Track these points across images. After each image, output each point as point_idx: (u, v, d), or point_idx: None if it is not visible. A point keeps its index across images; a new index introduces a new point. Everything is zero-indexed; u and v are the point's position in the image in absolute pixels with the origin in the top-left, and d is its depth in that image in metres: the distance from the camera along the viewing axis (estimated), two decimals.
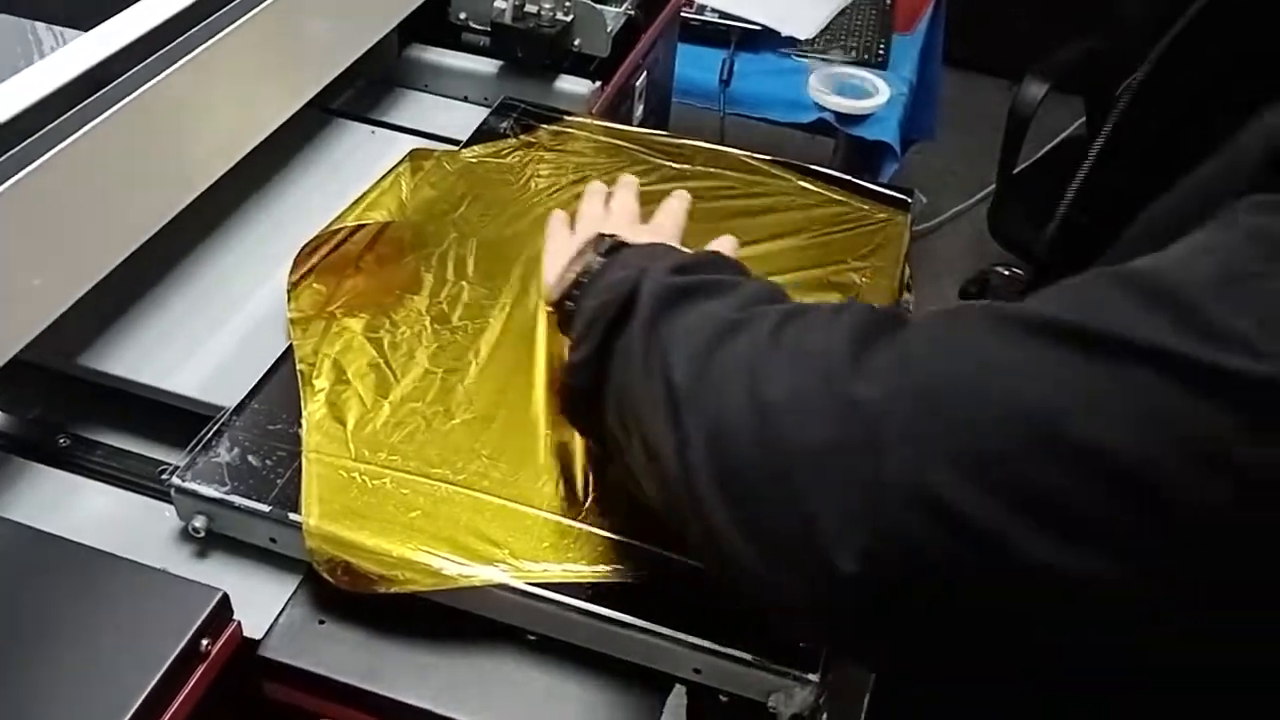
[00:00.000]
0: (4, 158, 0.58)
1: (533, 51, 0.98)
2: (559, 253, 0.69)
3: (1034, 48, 2.10)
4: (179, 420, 0.70)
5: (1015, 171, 2.08)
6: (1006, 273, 2.31)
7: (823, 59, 1.74)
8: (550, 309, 0.65)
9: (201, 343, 0.73)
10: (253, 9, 0.73)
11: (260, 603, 0.61)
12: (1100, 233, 0.54)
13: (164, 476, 0.66)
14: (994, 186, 2.08)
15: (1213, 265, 0.38)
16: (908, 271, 0.84)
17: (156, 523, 0.65)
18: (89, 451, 0.69)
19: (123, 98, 0.65)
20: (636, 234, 0.68)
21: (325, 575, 0.60)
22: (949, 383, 0.40)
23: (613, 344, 0.54)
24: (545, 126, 0.94)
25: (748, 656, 0.57)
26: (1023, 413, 0.38)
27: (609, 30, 1.00)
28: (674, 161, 0.91)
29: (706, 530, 0.46)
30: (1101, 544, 0.38)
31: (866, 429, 0.41)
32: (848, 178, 0.91)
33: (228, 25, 0.71)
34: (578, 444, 0.66)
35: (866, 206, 0.88)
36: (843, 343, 0.44)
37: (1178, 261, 0.39)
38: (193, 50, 0.69)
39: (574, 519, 0.62)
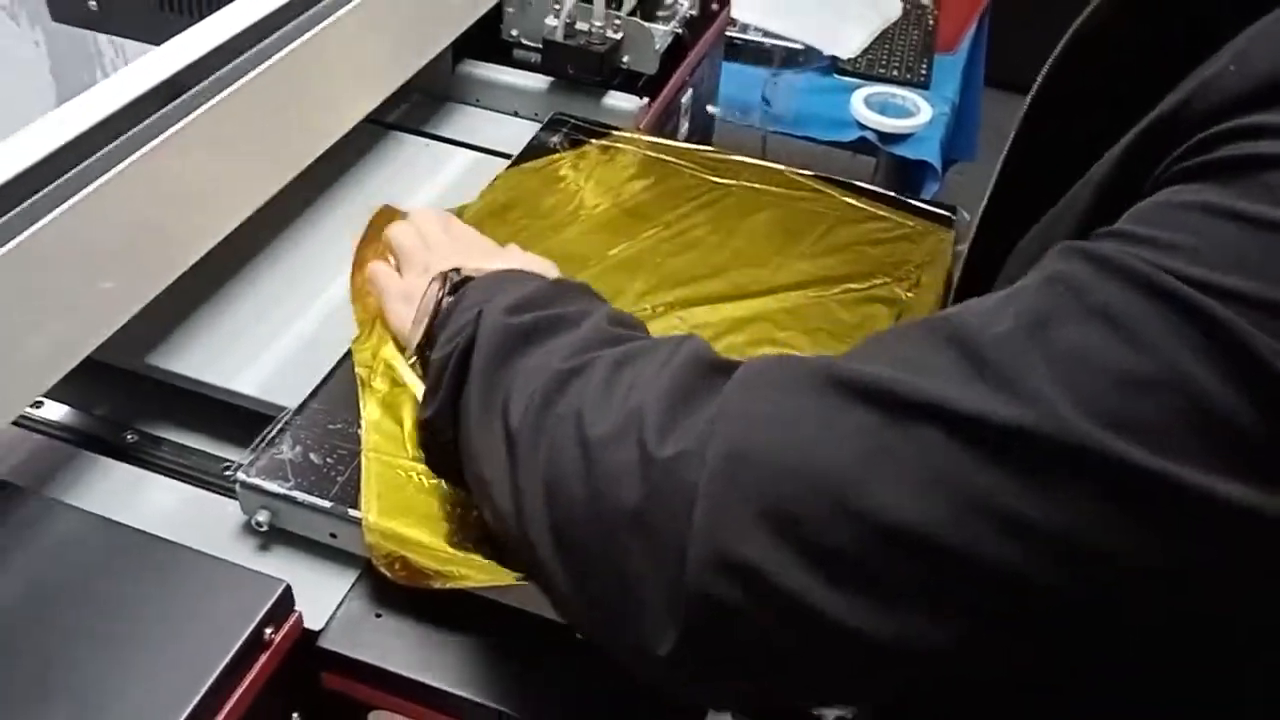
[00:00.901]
0: (79, 168, 0.61)
1: (583, 68, 1.00)
2: (397, 296, 0.69)
3: None
4: (242, 419, 0.72)
5: None
6: None
7: (865, 78, 1.75)
8: (412, 360, 0.65)
9: (265, 345, 0.75)
10: (314, 27, 0.76)
11: (320, 595, 0.63)
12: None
13: (228, 472, 0.69)
14: None
15: (1011, 314, 0.37)
16: (952, 285, 0.85)
17: (220, 516, 0.67)
18: (155, 447, 0.72)
19: (193, 110, 0.67)
20: (467, 257, 0.67)
21: (383, 570, 0.61)
22: (755, 443, 0.39)
23: (459, 397, 0.53)
24: (594, 141, 0.96)
25: None
26: (819, 473, 0.37)
27: (657, 48, 1.03)
28: (719, 177, 0.93)
29: (545, 582, 0.47)
30: (903, 608, 0.37)
31: (675, 490, 0.40)
32: (892, 194, 0.92)
33: (292, 42, 0.74)
34: None
35: (911, 222, 0.89)
36: (663, 396, 0.43)
37: (986, 311, 0.39)
38: (259, 65, 0.72)
39: None
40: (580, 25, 1.00)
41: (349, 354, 0.72)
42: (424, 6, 0.89)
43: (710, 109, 1.32)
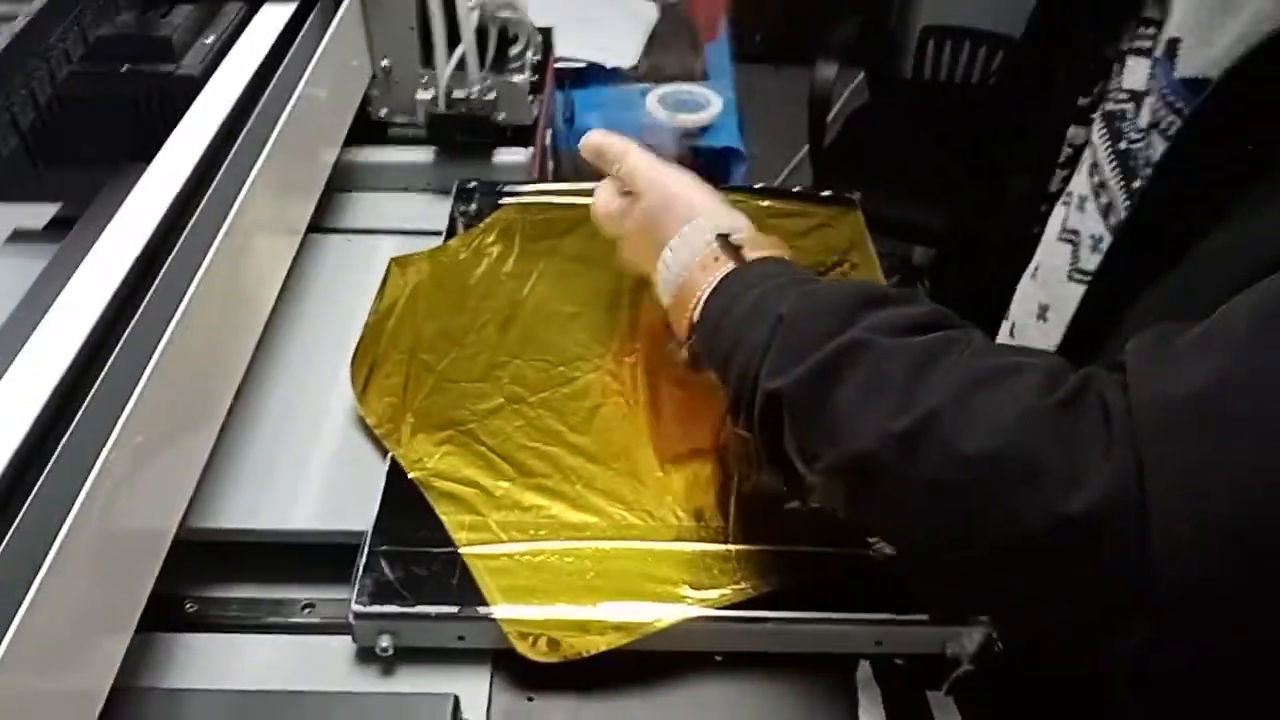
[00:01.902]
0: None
1: (472, 133, 1.02)
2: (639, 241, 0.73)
3: (798, 34, 2.30)
4: (294, 556, 0.71)
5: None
6: None
7: (651, 81, 1.83)
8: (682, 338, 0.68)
9: (297, 476, 0.74)
10: (246, 179, 0.75)
11: (468, 697, 0.64)
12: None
13: (307, 610, 0.69)
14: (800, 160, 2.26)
15: None
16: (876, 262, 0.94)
17: (326, 656, 0.66)
18: (223, 609, 0.69)
19: (182, 284, 0.65)
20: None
21: (528, 654, 0.63)
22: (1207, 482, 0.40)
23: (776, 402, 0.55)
24: (506, 202, 0.98)
25: (923, 618, 0.64)
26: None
27: (530, 99, 1.06)
28: None
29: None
30: None
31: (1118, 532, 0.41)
32: (793, 189, 1.00)
33: (235, 194, 0.73)
34: (700, 475, 0.72)
35: (823, 210, 0.97)
36: (1054, 447, 0.43)
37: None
38: (217, 231, 0.69)
39: (725, 542, 0.68)
40: (458, 93, 1.02)
41: (394, 462, 0.73)
42: (313, 134, 0.89)
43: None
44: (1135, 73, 0.64)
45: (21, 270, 0.81)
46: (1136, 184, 0.62)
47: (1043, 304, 0.71)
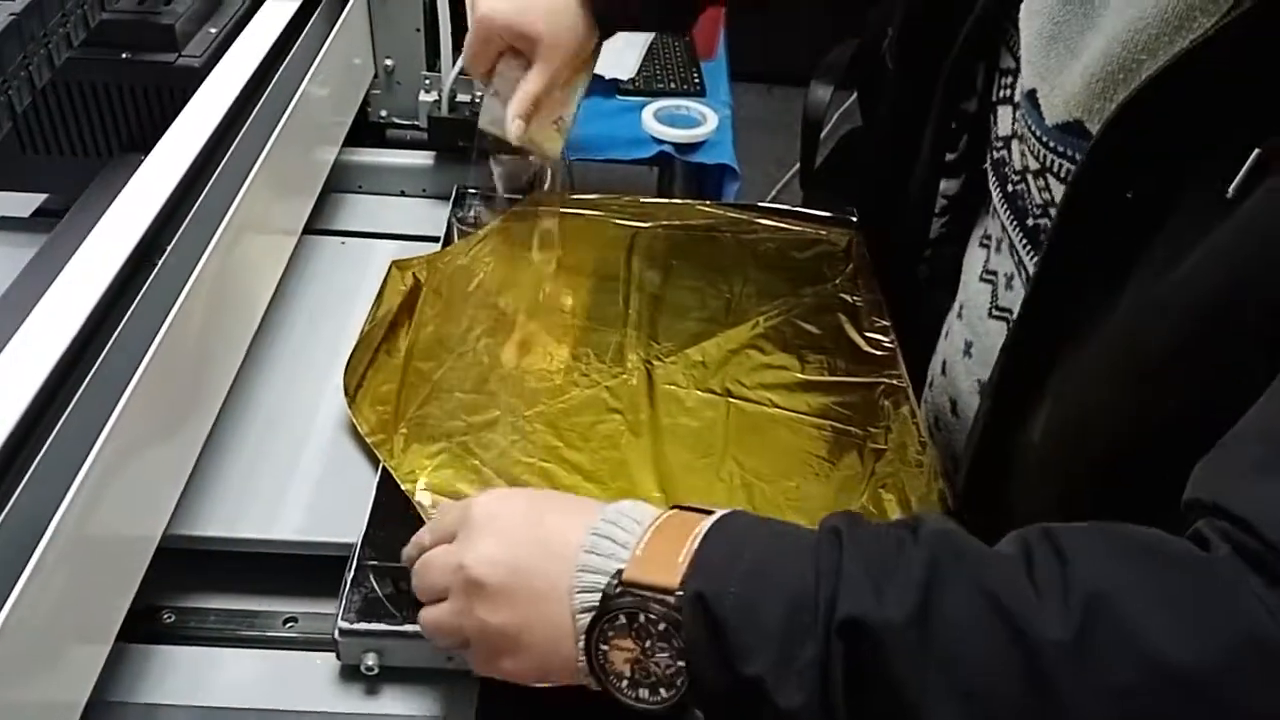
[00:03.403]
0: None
1: (474, 138, 1.00)
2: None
3: (793, 55, 2.30)
4: (271, 568, 0.69)
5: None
6: None
7: (647, 95, 1.82)
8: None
9: (284, 484, 0.72)
10: (255, 160, 0.73)
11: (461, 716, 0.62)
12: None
13: (289, 625, 0.67)
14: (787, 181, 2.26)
15: None
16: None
17: (306, 673, 0.64)
18: (200, 620, 0.67)
19: (183, 276, 0.63)
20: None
21: None
22: None
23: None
24: (510, 210, 0.96)
25: None
26: None
27: None
28: (636, 221, 0.97)
29: None
30: None
31: None
32: (793, 209, 0.99)
33: (243, 178, 0.71)
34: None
35: (824, 231, 0.96)
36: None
37: None
38: (216, 226, 0.67)
39: None
40: (461, 97, 1.00)
41: (384, 473, 0.71)
42: (314, 133, 0.87)
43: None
44: (1004, 120, 0.67)
45: (6, 258, 0.79)
46: (1029, 222, 0.63)
47: (968, 340, 0.72)
